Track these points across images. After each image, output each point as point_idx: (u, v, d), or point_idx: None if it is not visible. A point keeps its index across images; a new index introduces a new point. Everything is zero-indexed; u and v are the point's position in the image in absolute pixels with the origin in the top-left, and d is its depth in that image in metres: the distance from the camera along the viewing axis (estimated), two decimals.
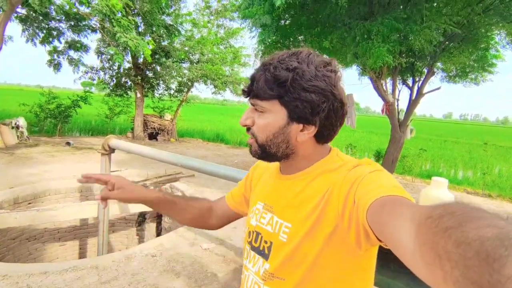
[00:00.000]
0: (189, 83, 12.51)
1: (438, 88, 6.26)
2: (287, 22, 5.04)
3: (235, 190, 0.98)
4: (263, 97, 0.66)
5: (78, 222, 5.56)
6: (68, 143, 9.42)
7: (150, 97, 12.45)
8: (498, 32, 5.89)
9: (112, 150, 4.58)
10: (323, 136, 0.70)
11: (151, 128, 11.92)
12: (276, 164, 0.81)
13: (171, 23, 10.28)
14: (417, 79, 6.18)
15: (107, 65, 11.43)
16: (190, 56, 12.38)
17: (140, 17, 8.90)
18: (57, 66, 9.90)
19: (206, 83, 12.81)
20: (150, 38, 8.81)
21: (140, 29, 9.45)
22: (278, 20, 4.84)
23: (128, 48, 6.43)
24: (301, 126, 0.68)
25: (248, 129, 0.72)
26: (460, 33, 4.39)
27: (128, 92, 12.34)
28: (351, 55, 4.58)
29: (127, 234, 6.16)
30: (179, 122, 13.49)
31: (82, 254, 5.67)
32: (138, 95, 11.59)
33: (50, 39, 8.62)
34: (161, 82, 12.24)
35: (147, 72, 11.71)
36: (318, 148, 0.72)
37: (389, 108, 5.42)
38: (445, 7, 4.25)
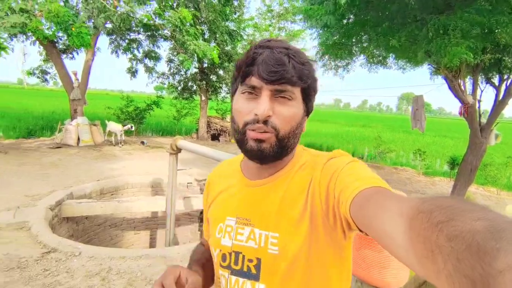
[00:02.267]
0: None
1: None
2: (350, 21, 4.85)
3: (205, 226, 0.84)
4: (294, 82, 0.60)
5: (150, 214, 6.14)
6: (142, 142, 10.48)
7: (214, 99, 13.15)
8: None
9: (179, 150, 4.96)
10: None
11: (214, 129, 12.55)
12: (235, 173, 0.74)
13: (234, 28, 10.74)
14: (505, 77, 5.36)
15: (175, 71, 12.41)
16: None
17: (205, 25, 9.48)
18: (134, 73, 11.07)
19: None
20: (214, 44, 9.33)
21: (205, 36, 10.07)
22: (341, 19, 4.69)
23: (195, 54, 6.91)
24: (305, 117, 0.67)
25: (265, 122, 0.61)
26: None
27: (193, 95, 13.25)
28: (422, 53, 4.21)
29: (191, 229, 6.60)
30: None
31: (152, 243, 6.25)
32: (203, 98, 12.32)
33: (131, 49, 9.71)
34: (224, 85, 12.84)
35: (211, 77, 12.39)
36: None
37: (468, 110, 4.80)
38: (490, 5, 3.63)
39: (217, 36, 9.42)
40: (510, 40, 3.85)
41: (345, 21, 5.04)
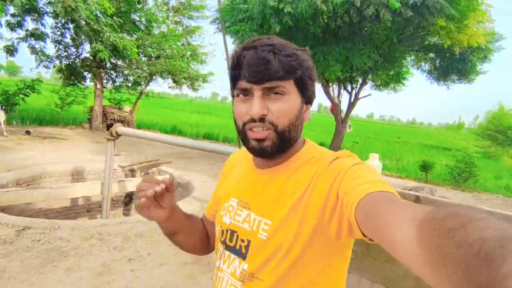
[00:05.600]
0: (148, 77, 12.91)
1: (369, 95, 8.43)
2: None
3: (212, 202, 0.89)
4: (283, 77, 0.61)
5: (80, 202, 6.09)
6: (28, 132, 9.26)
7: (108, 89, 12.54)
8: (409, 56, 8.14)
9: (118, 136, 5.37)
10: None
11: (111, 119, 12.07)
12: (248, 158, 0.77)
13: (138, 18, 10.70)
14: (354, 87, 8.15)
15: (64, 54, 11.24)
16: (149, 50, 12.79)
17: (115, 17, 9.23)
18: (11, 52, 9.59)
19: (163, 77, 13.36)
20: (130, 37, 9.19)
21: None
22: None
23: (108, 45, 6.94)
24: (306, 106, 0.68)
25: (262, 119, 0.63)
26: (381, 59, 6.30)
27: (82, 82, 12.24)
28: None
29: (114, 214, 6.80)
30: (137, 114, 13.75)
31: None
32: (98, 86, 11.65)
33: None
34: (120, 75, 12.43)
35: (108, 64, 11.83)
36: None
37: (335, 108, 7.18)
38: (373, 39, 6.08)
39: (125, 27, 9.30)
40: (358, 65, 6.16)
41: None
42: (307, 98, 0.68)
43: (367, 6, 5.05)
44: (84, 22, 5.95)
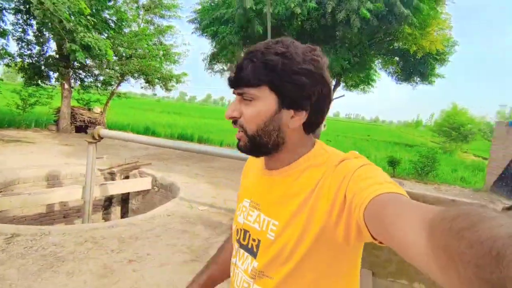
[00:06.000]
0: (120, 77, 12.52)
1: (343, 95, 8.90)
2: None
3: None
4: (252, 83, 0.63)
5: (58, 207, 5.86)
6: None
7: (76, 89, 11.99)
8: (377, 59, 8.73)
9: (100, 138, 5.27)
10: (311, 124, 0.69)
11: (80, 121, 11.57)
12: (261, 161, 0.78)
13: (108, 17, 10.34)
14: None
15: (27, 52, 10.59)
16: (120, 50, 12.40)
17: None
18: None
19: (135, 78, 13.03)
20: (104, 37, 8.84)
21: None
22: (240, 38, 6.30)
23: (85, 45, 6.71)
24: (291, 112, 0.66)
25: (235, 122, 0.68)
26: (356, 62, 6.77)
27: (47, 82, 11.60)
28: None
29: (93, 219, 6.60)
30: (108, 115, 13.27)
31: None
32: (66, 86, 11.12)
33: None
34: (90, 74, 11.94)
35: (75, 63, 11.31)
36: (305, 139, 0.71)
37: None
38: (346, 43, 6.51)
39: (97, 26, 8.95)
40: (336, 67, 6.54)
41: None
42: (289, 103, 0.65)
43: (339, 11, 5.41)
44: (56, 20, 5.69)
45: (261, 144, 0.67)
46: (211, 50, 9.85)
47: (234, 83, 0.66)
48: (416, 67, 8.27)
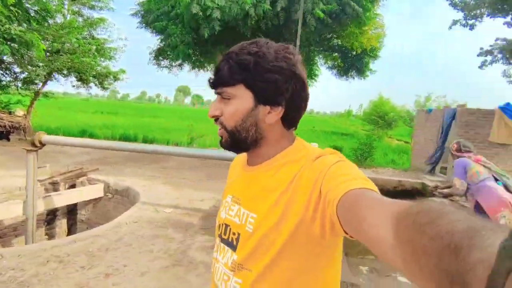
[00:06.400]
0: (47, 75, 11.13)
1: None
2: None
3: None
4: (229, 83, 0.67)
5: None
6: None
7: None
8: (317, 56, 9.34)
9: (42, 145, 4.74)
10: (289, 119, 0.72)
11: (1, 126, 10.04)
12: (244, 159, 0.81)
13: (29, 6, 9.06)
14: None
15: None
16: (45, 43, 11.00)
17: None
18: None
19: (65, 75, 11.76)
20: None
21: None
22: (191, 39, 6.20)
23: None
24: (268, 108, 0.68)
25: (217, 120, 0.72)
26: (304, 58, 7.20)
27: None
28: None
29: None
30: (34, 118, 11.71)
31: None
32: None
33: None
34: (7, 73, 10.39)
35: None
36: (285, 134, 0.74)
37: None
38: (295, 40, 6.88)
39: (19, 17, 7.76)
40: None
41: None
42: (264, 100, 0.68)
43: (296, 11, 5.67)
44: None
45: (240, 140, 0.71)
46: (157, 45, 9.37)
47: (214, 83, 0.70)
48: (354, 63, 9.10)
